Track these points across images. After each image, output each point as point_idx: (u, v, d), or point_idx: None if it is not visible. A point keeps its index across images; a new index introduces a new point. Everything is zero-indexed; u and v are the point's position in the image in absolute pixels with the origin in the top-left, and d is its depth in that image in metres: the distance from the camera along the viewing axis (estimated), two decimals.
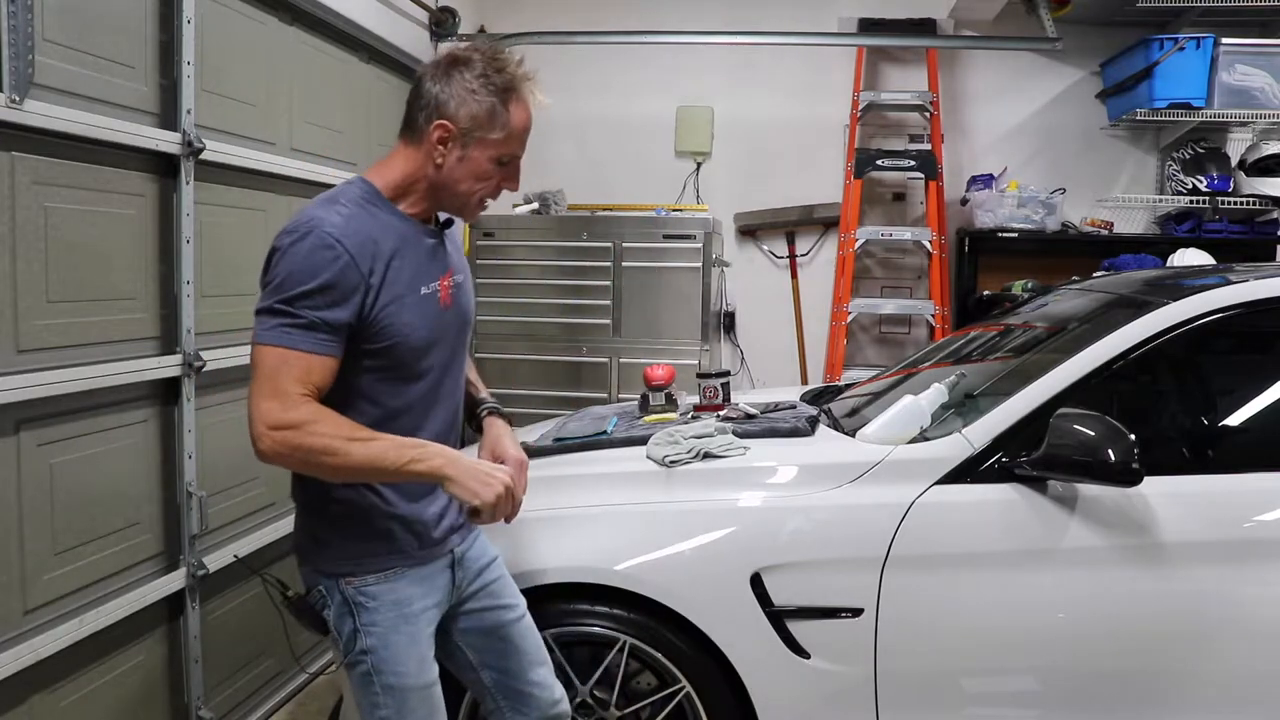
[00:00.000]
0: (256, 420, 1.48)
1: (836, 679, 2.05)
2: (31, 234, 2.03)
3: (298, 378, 1.49)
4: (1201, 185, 4.55)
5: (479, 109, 1.59)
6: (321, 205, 1.58)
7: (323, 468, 1.52)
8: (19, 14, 1.92)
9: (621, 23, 4.51)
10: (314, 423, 1.48)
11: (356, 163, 3.45)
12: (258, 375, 1.51)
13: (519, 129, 1.63)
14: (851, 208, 4.75)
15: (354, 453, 1.49)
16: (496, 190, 1.68)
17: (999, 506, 2.05)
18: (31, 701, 2.08)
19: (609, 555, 2.10)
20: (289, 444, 1.48)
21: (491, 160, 1.63)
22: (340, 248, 1.52)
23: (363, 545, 1.66)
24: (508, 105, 1.60)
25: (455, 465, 1.55)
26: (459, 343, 1.77)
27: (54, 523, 2.12)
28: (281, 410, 1.47)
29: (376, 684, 1.66)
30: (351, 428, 1.52)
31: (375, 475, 1.57)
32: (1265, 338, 2.37)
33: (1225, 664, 1.99)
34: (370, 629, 1.65)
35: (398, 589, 1.67)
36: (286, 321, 1.50)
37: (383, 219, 1.61)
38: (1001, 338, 2.85)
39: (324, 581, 1.68)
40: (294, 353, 1.50)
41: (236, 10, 2.74)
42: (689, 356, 4.31)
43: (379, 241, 1.57)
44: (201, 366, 2.51)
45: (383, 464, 1.52)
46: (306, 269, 1.50)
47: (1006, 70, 4.92)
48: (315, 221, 1.53)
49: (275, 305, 1.51)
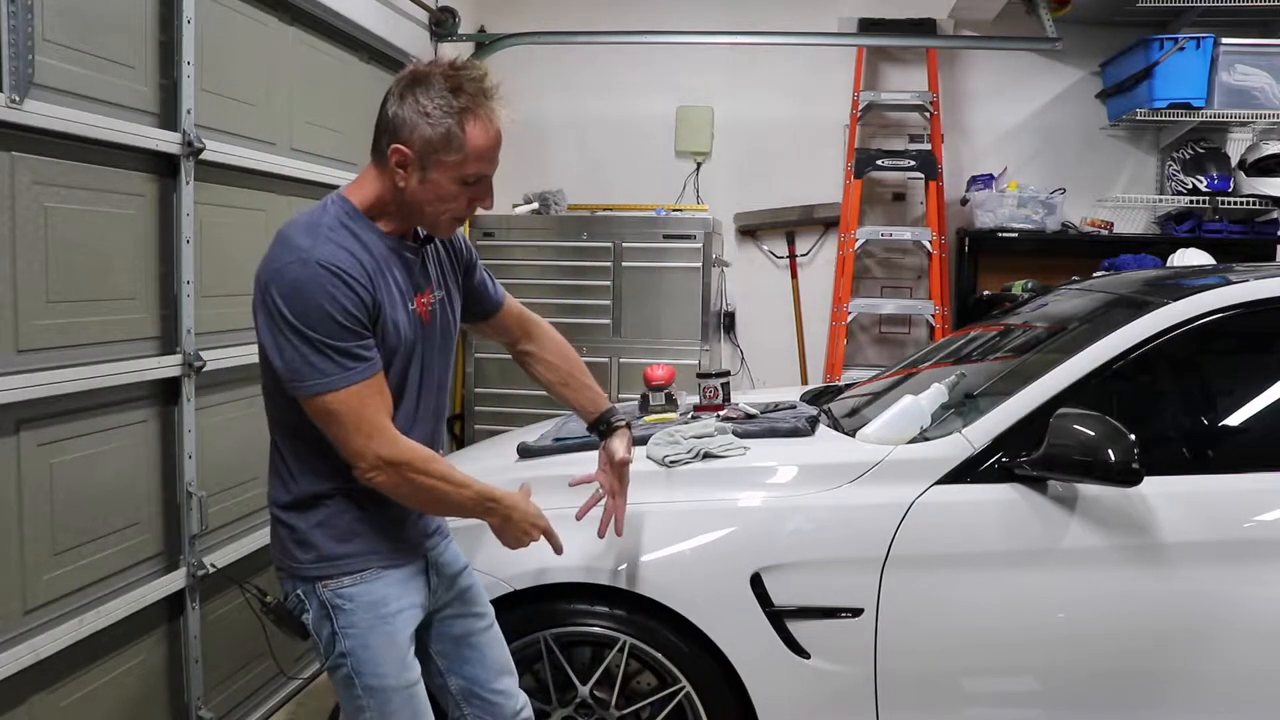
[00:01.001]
0: (369, 458, 1.55)
1: (836, 679, 2.05)
2: (31, 234, 2.03)
3: (380, 407, 1.56)
4: (1201, 185, 4.55)
5: (432, 133, 1.54)
6: (307, 232, 1.55)
7: (420, 502, 1.66)
8: (19, 14, 1.92)
9: (621, 23, 4.51)
10: (425, 464, 1.59)
11: (356, 163, 3.44)
12: (342, 421, 1.53)
13: (478, 149, 1.56)
14: (851, 208, 4.75)
15: (452, 497, 1.65)
16: (468, 208, 1.64)
17: (999, 506, 2.05)
18: (31, 701, 2.08)
19: (609, 555, 2.10)
20: (404, 478, 1.57)
21: (454, 181, 1.58)
22: (344, 273, 1.52)
23: (338, 547, 1.66)
24: (464, 127, 1.55)
25: (511, 517, 1.73)
26: (441, 359, 1.77)
27: (54, 523, 2.12)
28: (391, 445, 1.56)
29: (358, 685, 1.67)
30: (450, 470, 1.64)
31: (449, 514, 1.77)
32: (1265, 338, 2.36)
33: (1225, 664, 1.99)
34: (348, 631, 1.66)
35: (374, 590, 1.67)
36: (337, 359, 1.51)
37: (365, 238, 1.60)
38: (1001, 338, 2.85)
39: (301, 586, 1.69)
40: (363, 385, 1.54)
41: (236, 10, 2.74)
42: (689, 356, 4.31)
43: (366, 261, 1.57)
44: (201, 366, 2.51)
45: (461, 509, 1.69)
46: (324, 299, 1.50)
47: (1006, 70, 4.92)
48: (305, 250, 1.51)
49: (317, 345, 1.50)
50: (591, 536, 2.03)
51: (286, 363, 1.52)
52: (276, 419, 1.68)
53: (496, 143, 1.60)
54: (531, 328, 2.05)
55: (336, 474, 1.63)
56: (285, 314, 1.50)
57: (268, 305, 1.52)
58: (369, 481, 1.57)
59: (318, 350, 1.50)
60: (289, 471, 1.67)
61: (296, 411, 1.59)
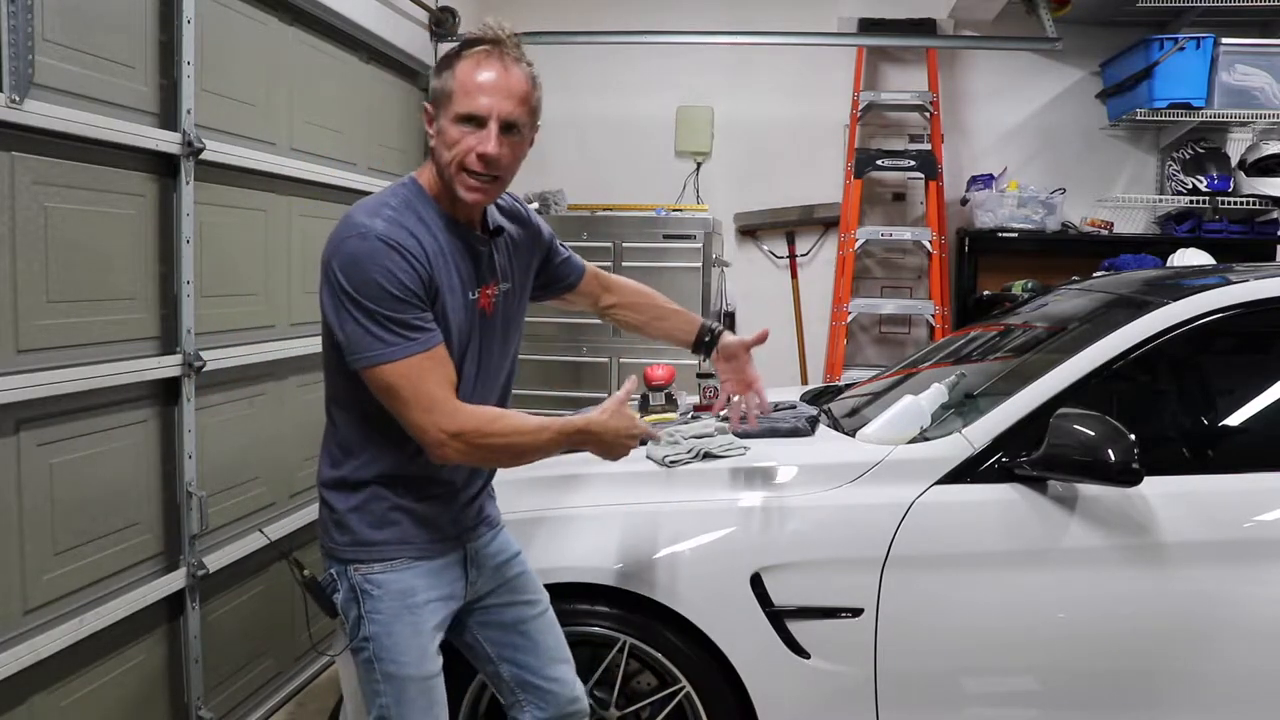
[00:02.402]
0: (432, 432, 1.55)
1: (836, 679, 2.05)
2: (31, 234, 2.03)
3: (439, 380, 1.56)
4: (1201, 185, 4.55)
5: (438, 83, 1.62)
6: (371, 211, 1.58)
7: (502, 461, 1.70)
8: (19, 14, 1.92)
9: (621, 23, 4.51)
10: (490, 424, 1.59)
11: (356, 162, 3.45)
12: (401, 394, 1.54)
13: (464, 82, 1.58)
14: (851, 208, 4.76)
15: (532, 445, 1.63)
16: (470, 155, 1.59)
17: (999, 506, 2.05)
18: (31, 701, 2.08)
19: (609, 555, 2.10)
20: (473, 445, 1.57)
21: (452, 123, 1.59)
22: (401, 247, 1.54)
23: (372, 534, 1.68)
24: (455, 65, 1.61)
25: (603, 440, 1.70)
26: (502, 351, 1.77)
27: (54, 523, 2.12)
28: (450, 418, 1.55)
29: (377, 671, 1.68)
30: (520, 420, 1.62)
31: (542, 458, 1.70)
32: (1265, 338, 2.37)
33: (1225, 664, 1.99)
34: (374, 616, 1.67)
35: (403, 579, 1.68)
36: (397, 330, 1.53)
37: (430, 221, 1.62)
38: (1001, 338, 2.85)
39: (335, 566, 1.71)
40: (422, 356, 1.54)
41: (236, 10, 2.74)
42: (689, 356, 4.30)
43: (428, 240, 1.59)
44: (201, 366, 2.51)
45: (549, 452, 1.67)
46: (380, 274, 1.52)
47: (1006, 70, 4.92)
48: (366, 226, 1.55)
49: (376, 316, 1.52)
50: (592, 537, 2.03)
51: (348, 335, 1.55)
52: (331, 395, 1.72)
53: (490, 82, 1.58)
54: (606, 281, 2.08)
55: (380, 460, 1.66)
56: (345, 286, 1.53)
57: (330, 279, 1.55)
58: (442, 459, 1.57)
59: (376, 322, 1.53)
60: (338, 450, 1.70)
61: (352, 390, 1.62)
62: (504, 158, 1.60)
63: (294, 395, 3.06)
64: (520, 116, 1.61)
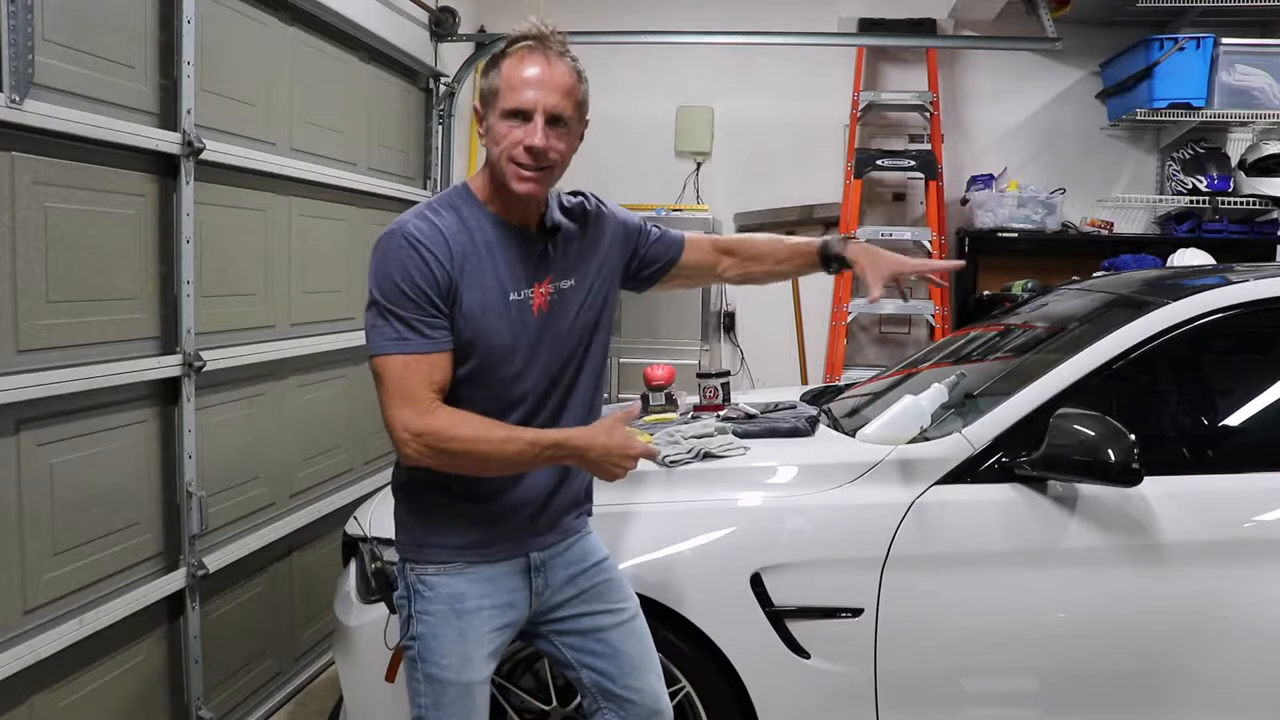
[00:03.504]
0: (397, 428, 1.55)
1: (836, 679, 2.05)
2: (31, 234, 2.03)
3: (423, 381, 1.56)
4: (1201, 185, 4.55)
5: (485, 83, 1.66)
6: (417, 209, 1.64)
7: (465, 469, 1.61)
8: (19, 14, 1.92)
9: (621, 23, 4.50)
10: (454, 427, 1.56)
11: (356, 162, 3.45)
12: (385, 384, 1.57)
13: (509, 78, 1.61)
14: (851, 208, 4.75)
15: (497, 455, 1.57)
16: (518, 149, 1.60)
17: (999, 507, 2.05)
18: (31, 701, 2.08)
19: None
20: (433, 448, 1.55)
21: (500, 119, 1.61)
22: (422, 247, 1.57)
23: (429, 536, 1.70)
24: (500, 64, 1.63)
25: (587, 457, 1.62)
26: (570, 354, 1.73)
27: (54, 523, 2.12)
28: (418, 416, 1.55)
29: (419, 671, 1.69)
30: (489, 428, 1.58)
31: (518, 471, 1.66)
32: (1265, 338, 2.37)
33: (1225, 664, 1.99)
34: (423, 617, 1.68)
35: (455, 584, 1.68)
36: (397, 326, 1.56)
37: (471, 220, 1.64)
38: (1001, 338, 2.85)
39: (399, 564, 1.74)
40: (412, 357, 1.56)
41: (236, 10, 2.74)
42: (689, 356, 4.31)
43: (460, 241, 1.61)
44: (201, 366, 2.51)
45: (521, 463, 1.61)
46: (396, 270, 1.56)
47: (1006, 70, 4.92)
48: (401, 224, 1.60)
49: (382, 309, 1.57)
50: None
51: (365, 324, 1.60)
52: None
53: (535, 77, 1.60)
54: (723, 244, 2.04)
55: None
56: (370, 276, 1.59)
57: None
58: (406, 459, 1.58)
59: (381, 314, 1.57)
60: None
61: None
62: (551, 150, 1.62)
63: (294, 395, 3.07)
64: (565, 109, 1.63)
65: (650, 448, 1.70)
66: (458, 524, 1.69)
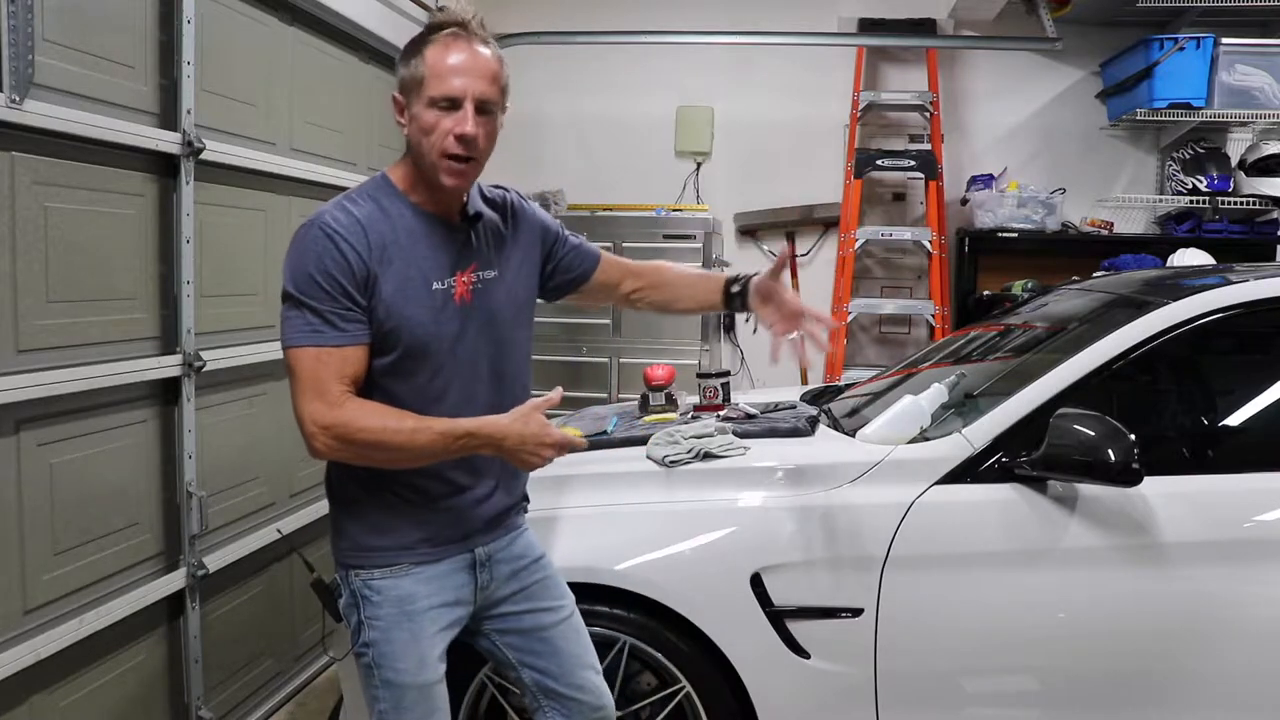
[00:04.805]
0: (306, 421, 1.53)
1: (836, 679, 2.05)
2: (31, 234, 2.03)
3: (335, 374, 1.54)
4: (1201, 185, 4.55)
5: (406, 70, 1.63)
6: (335, 200, 1.63)
7: (375, 461, 1.58)
8: (19, 14, 1.92)
9: (621, 23, 4.51)
10: (362, 418, 1.53)
11: (356, 163, 3.44)
12: (297, 377, 1.54)
13: (435, 66, 1.59)
14: (851, 208, 4.76)
15: (407, 446, 1.54)
16: (448, 138, 1.59)
17: (999, 506, 2.05)
18: (31, 701, 2.08)
19: (609, 555, 2.10)
20: (341, 440, 1.53)
21: (428, 108, 1.60)
22: (339, 237, 1.55)
23: (371, 539, 1.67)
24: (424, 52, 1.61)
25: (503, 446, 1.60)
26: (492, 344, 1.72)
27: (54, 523, 2.12)
28: (327, 409, 1.52)
29: (376, 677, 1.68)
30: (399, 419, 1.55)
31: (430, 461, 1.61)
32: (1265, 338, 2.37)
33: (1225, 664, 1.99)
34: (373, 623, 1.66)
35: (402, 586, 1.67)
36: (310, 318, 1.54)
37: (391, 209, 1.63)
38: (1001, 338, 2.85)
39: (340, 571, 1.71)
40: (325, 349, 1.54)
41: (236, 10, 2.74)
42: (689, 356, 4.31)
43: (380, 231, 1.59)
44: (201, 366, 2.51)
45: (434, 454, 1.57)
46: (311, 261, 1.54)
47: (1006, 70, 4.93)
48: (318, 215, 1.59)
49: (296, 301, 1.55)
50: (592, 537, 2.03)
51: (280, 316, 1.57)
52: None
53: (462, 64, 1.59)
54: (630, 267, 2.03)
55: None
56: (285, 268, 1.57)
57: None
58: (314, 452, 1.55)
59: (294, 305, 1.55)
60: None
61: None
62: (481, 138, 1.61)
63: None
64: (492, 96, 1.62)
65: (571, 438, 1.65)
66: (400, 524, 1.66)
